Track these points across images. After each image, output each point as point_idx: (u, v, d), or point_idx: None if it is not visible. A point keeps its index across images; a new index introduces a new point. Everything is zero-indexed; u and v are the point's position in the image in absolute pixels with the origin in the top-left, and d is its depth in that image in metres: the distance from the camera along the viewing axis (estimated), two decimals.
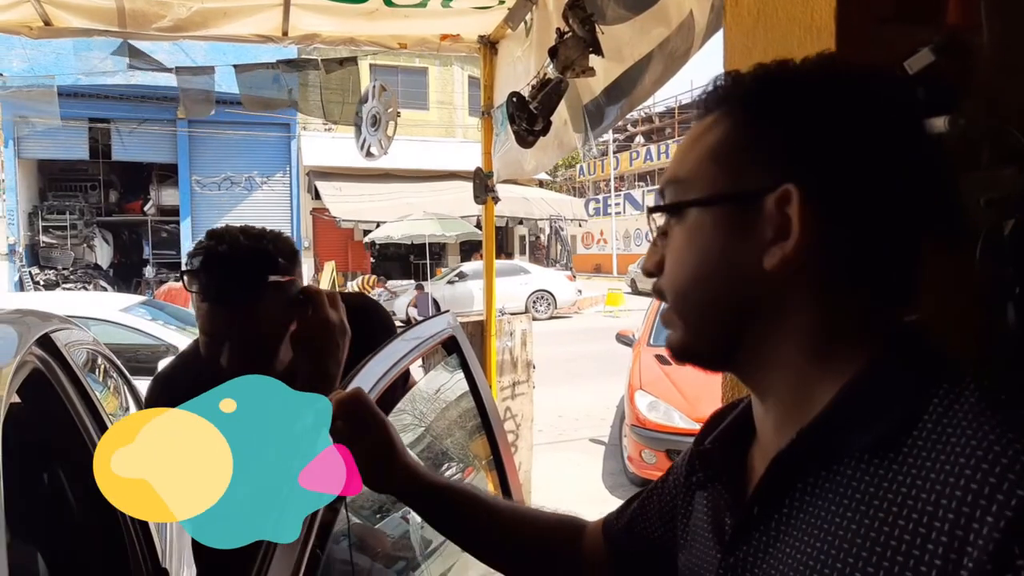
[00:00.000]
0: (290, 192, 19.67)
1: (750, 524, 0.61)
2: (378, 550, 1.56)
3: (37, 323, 1.53)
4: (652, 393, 5.57)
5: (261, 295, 1.33)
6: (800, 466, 0.57)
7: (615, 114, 2.72)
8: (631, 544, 0.86)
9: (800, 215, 0.56)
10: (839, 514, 0.53)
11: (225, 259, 1.33)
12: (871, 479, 0.52)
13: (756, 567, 0.60)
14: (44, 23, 3.22)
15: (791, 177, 0.57)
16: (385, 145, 3.92)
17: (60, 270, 18.08)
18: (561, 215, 21.15)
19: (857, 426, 0.54)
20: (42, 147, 17.98)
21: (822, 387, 0.57)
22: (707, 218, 0.61)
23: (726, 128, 0.62)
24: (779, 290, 0.59)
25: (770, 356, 0.61)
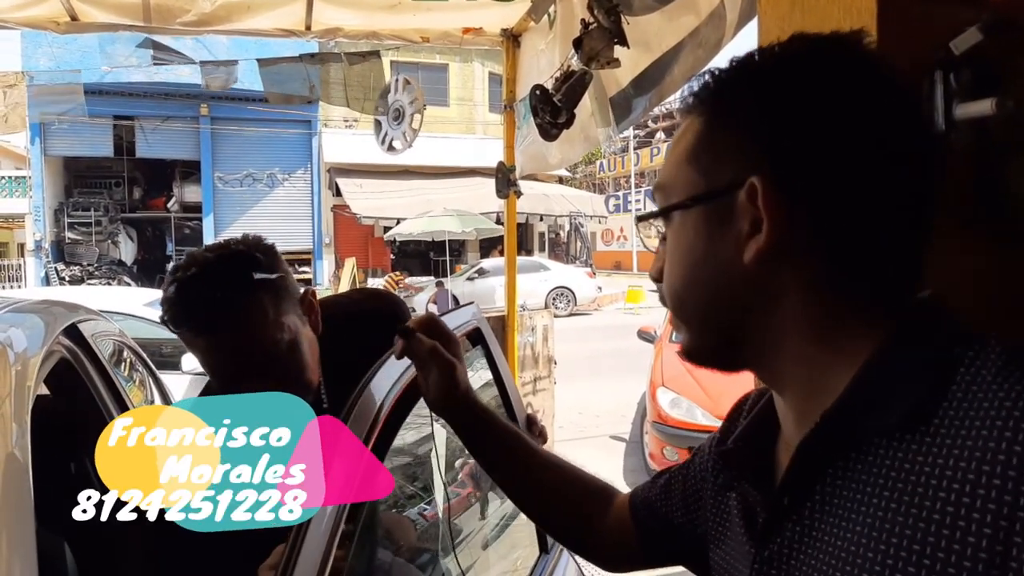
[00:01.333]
0: (311, 189, 19.79)
1: (782, 516, 0.60)
2: (402, 543, 1.55)
3: (64, 313, 1.53)
4: (674, 390, 5.53)
5: (253, 297, 1.22)
6: (826, 452, 0.56)
7: (644, 105, 2.69)
8: (653, 522, 0.87)
9: (767, 206, 0.56)
10: (875, 494, 0.52)
11: (200, 278, 1.21)
12: (904, 455, 0.51)
13: (793, 557, 0.59)
14: (71, 18, 3.25)
15: (757, 170, 0.57)
16: (410, 138, 3.92)
17: (85, 266, 18.33)
18: (581, 211, 21.08)
19: (881, 405, 0.53)
20: (68, 144, 18.23)
21: (836, 373, 0.56)
22: (688, 220, 0.62)
23: (697, 128, 0.62)
24: (766, 283, 0.58)
25: (776, 349, 0.60)
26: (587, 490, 0.96)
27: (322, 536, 0.93)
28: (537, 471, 0.97)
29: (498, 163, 3.86)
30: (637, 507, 0.90)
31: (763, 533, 0.62)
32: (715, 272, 0.60)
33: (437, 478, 1.77)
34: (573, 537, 0.98)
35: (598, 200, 24.24)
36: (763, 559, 0.61)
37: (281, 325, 1.25)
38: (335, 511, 0.96)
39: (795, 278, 0.58)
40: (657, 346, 6.54)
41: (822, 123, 0.56)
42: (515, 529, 1.88)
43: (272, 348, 1.23)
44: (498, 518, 1.95)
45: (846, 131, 0.56)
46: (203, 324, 1.22)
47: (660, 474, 0.91)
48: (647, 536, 0.88)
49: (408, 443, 1.66)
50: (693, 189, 0.61)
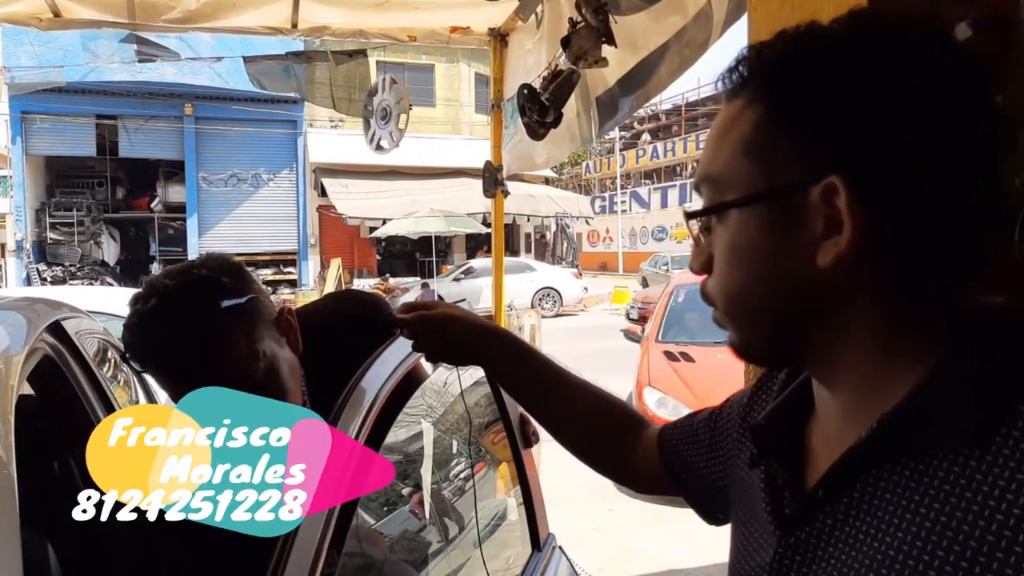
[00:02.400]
0: (296, 189, 19.68)
1: (814, 505, 0.58)
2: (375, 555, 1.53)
3: (47, 310, 1.51)
4: (661, 389, 5.55)
5: (221, 328, 1.12)
6: (878, 455, 0.54)
7: (629, 105, 2.70)
8: (678, 464, 0.88)
9: (849, 208, 0.52)
10: (924, 504, 0.50)
11: (162, 310, 1.11)
12: (961, 471, 0.49)
13: (819, 549, 0.58)
14: (53, 14, 3.21)
15: (833, 166, 0.52)
16: (396, 138, 3.91)
17: (67, 266, 18.14)
18: (567, 212, 21.11)
19: (941, 416, 0.51)
20: (49, 143, 18.04)
21: (897, 377, 0.54)
22: (749, 219, 0.57)
23: (755, 116, 0.57)
24: (838, 287, 0.55)
25: (837, 350, 0.57)
26: (619, 420, 0.98)
27: (314, 533, 0.92)
28: (569, 401, 0.99)
29: (485, 162, 3.86)
30: (666, 450, 0.90)
31: (792, 519, 0.61)
32: (780, 275, 0.57)
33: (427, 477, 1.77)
34: (605, 465, 1.00)
35: (584, 201, 24.29)
36: (788, 544, 0.60)
37: (256, 353, 1.15)
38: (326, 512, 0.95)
39: (870, 281, 0.54)
40: (644, 346, 6.56)
41: (908, 114, 0.51)
42: (507, 528, 1.88)
43: (249, 380, 1.10)
44: (490, 517, 1.94)
45: (933, 124, 0.51)
46: (169, 363, 1.13)
47: (692, 416, 0.91)
48: (675, 478, 0.89)
49: (399, 441, 1.65)
50: (753, 185, 0.56)
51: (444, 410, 1.96)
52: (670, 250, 25.45)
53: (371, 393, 1.11)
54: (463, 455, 1.97)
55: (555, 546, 1.68)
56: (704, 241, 0.62)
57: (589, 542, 4.37)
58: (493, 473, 1.99)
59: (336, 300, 1.59)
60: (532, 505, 1.60)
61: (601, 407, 0.99)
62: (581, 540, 4.30)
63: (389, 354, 1.20)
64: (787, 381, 0.71)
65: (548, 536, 1.66)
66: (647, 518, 4.73)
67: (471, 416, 1.89)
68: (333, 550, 0.99)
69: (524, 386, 1.02)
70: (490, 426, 1.83)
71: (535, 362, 1.00)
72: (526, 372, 1.00)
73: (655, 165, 35.31)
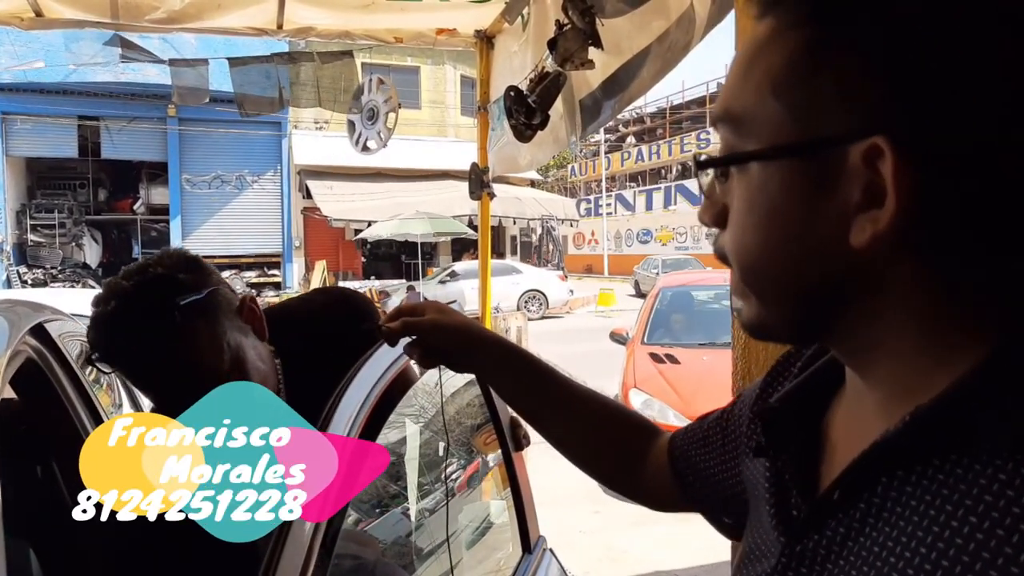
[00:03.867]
0: (281, 191, 19.60)
1: (826, 510, 0.50)
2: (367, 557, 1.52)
3: (29, 313, 1.49)
4: (646, 391, 5.56)
5: (182, 325, 1.13)
6: (905, 454, 0.45)
7: (612, 108, 2.70)
8: (689, 471, 0.80)
9: (896, 178, 0.42)
10: (957, 517, 0.41)
11: (121, 312, 1.11)
12: (1009, 480, 0.40)
13: (829, 562, 0.49)
14: (35, 14, 3.18)
15: (884, 121, 0.42)
16: (385, 138, 3.90)
17: (48, 269, 17.96)
18: (553, 215, 21.16)
19: (990, 414, 0.42)
20: (30, 145, 17.86)
21: (944, 369, 0.45)
22: (772, 175, 0.47)
23: (791, 46, 0.46)
24: (876, 270, 0.45)
25: (873, 339, 0.48)
26: (629, 429, 0.91)
27: (305, 535, 0.92)
28: (574, 411, 0.91)
29: (472, 164, 3.86)
30: (676, 457, 0.82)
31: (799, 524, 0.52)
32: (805, 245, 0.47)
33: (416, 479, 1.76)
34: (613, 478, 0.92)
35: (570, 204, 24.36)
36: (794, 554, 0.52)
37: (219, 346, 1.17)
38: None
39: (914, 267, 0.44)
40: (629, 348, 6.58)
41: (990, 65, 0.40)
42: (497, 530, 1.88)
43: (216, 373, 1.13)
44: (481, 519, 1.94)
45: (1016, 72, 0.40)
46: (133, 363, 1.15)
47: (702, 419, 0.82)
48: (687, 487, 0.80)
49: (390, 443, 1.65)
50: (782, 135, 0.46)
51: (435, 412, 1.95)
52: (660, 253, 25.55)
53: (361, 395, 1.11)
54: (453, 457, 1.97)
55: (545, 548, 1.68)
56: (719, 190, 0.52)
57: (576, 545, 4.37)
58: (487, 475, 1.99)
59: (322, 294, 1.60)
60: (522, 507, 1.60)
61: (605, 417, 0.91)
62: (568, 543, 4.30)
63: (380, 356, 1.20)
64: (810, 360, 0.61)
65: (539, 539, 1.66)
66: (634, 520, 4.73)
67: (460, 418, 1.89)
68: (324, 551, 0.98)
69: (518, 395, 0.95)
70: (481, 428, 1.83)
71: (528, 369, 0.92)
72: (519, 380, 0.93)
73: (640, 168, 35.45)
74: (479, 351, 0.92)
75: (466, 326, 0.93)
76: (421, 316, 0.92)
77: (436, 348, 0.92)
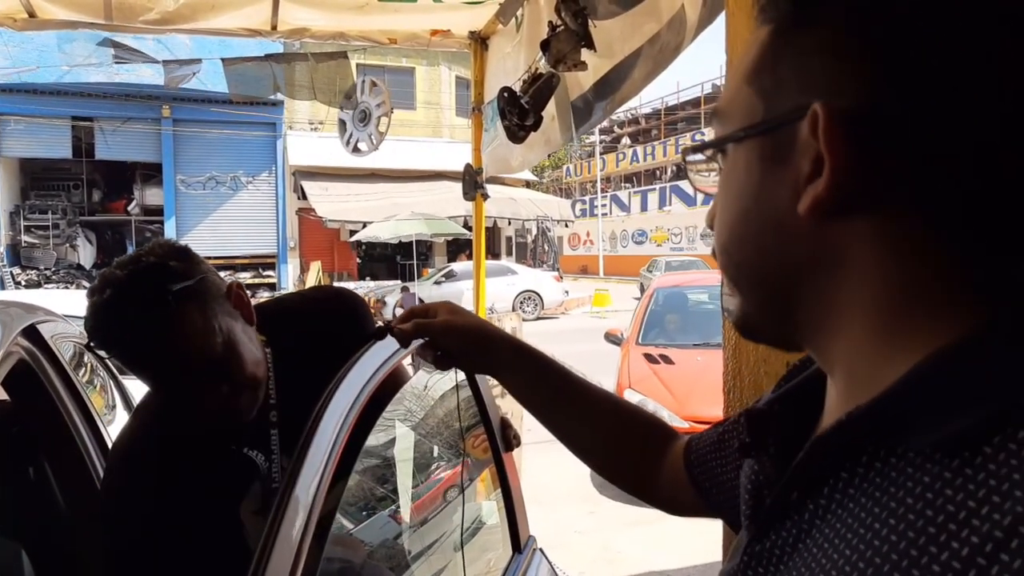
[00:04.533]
0: (276, 192, 19.56)
1: (787, 511, 0.49)
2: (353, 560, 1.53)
3: (22, 314, 1.49)
4: (641, 391, 5.57)
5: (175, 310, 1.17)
6: (847, 452, 0.45)
7: (603, 109, 2.71)
8: (704, 475, 0.79)
9: (829, 140, 0.42)
10: (881, 519, 0.41)
11: (116, 300, 1.15)
12: (931, 483, 0.39)
13: (781, 562, 0.49)
14: (28, 15, 3.17)
15: (824, 91, 0.43)
16: (376, 141, 3.90)
17: (42, 270, 17.91)
18: (548, 216, 21.17)
19: (930, 413, 0.41)
20: (24, 145, 17.79)
21: (896, 361, 0.44)
22: (741, 156, 0.50)
23: (763, 39, 0.49)
24: (824, 242, 0.46)
25: (829, 324, 0.48)
26: (643, 431, 0.90)
27: (294, 536, 0.92)
28: (588, 412, 0.91)
29: (465, 165, 3.86)
30: (691, 461, 0.81)
31: (763, 525, 0.52)
32: (765, 223, 0.48)
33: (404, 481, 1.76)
34: (630, 482, 0.91)
35: (565, 205, 24.36)
36: (754, 553, 0.52)
37: (212, 329, 1.21)
38: (306, 511, 0.95)
39: (864, 238, 0.44)
40: (624, 348, 6.59)
41: (935, 25, 0.41)
42: (488, 531, 1.88)
43: (209, 355, 1.19)
44: (471, 520, 1.94)
45: (968, 21, 0.40)
46: (130, 349, 1.18)
47: (718, 424, 0.81)
48: (703, 492, 0.80)
49: (379, 445, 1.65)
50: (750, 117, 0.48)
51: (424, 414, 1.96)
52: (655, 253, 25.53)
53: (352, 394, 1.11)
54: (443, 459, 1.97)
55: (535, 548, 1.69)
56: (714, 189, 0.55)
57: (570, 545, 4.38)
58: (475, 477, 1.99)
59: (317, 291, 1.67)
60: (512, 508, 1.60)
61: (620, 418, 0.91)
62: (562, 543, 4.31)
63: (371, 355, 1.20)
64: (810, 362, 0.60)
65: (529, 538, 1.67)
66: (628, 521, 4.74)
67: (450, 420, 1.90)
68: (313, 552, 0.99)
69: (532, 396, 0.93)
70: (471, 429, 1.83)
71: (542, 370, 0.92)
72: (532, 381, 0.92)
73: (635, 169, 35.49)
74: (492, 352, 0.93)
75: (479, 327, 0.94)
76: (433, 317, 0.93)
77: (449, 349, 0.92)
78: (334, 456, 1.05)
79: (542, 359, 0.93)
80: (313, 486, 1.00)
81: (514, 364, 0.93)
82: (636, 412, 0.93)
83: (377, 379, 1.19)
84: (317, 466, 1.02)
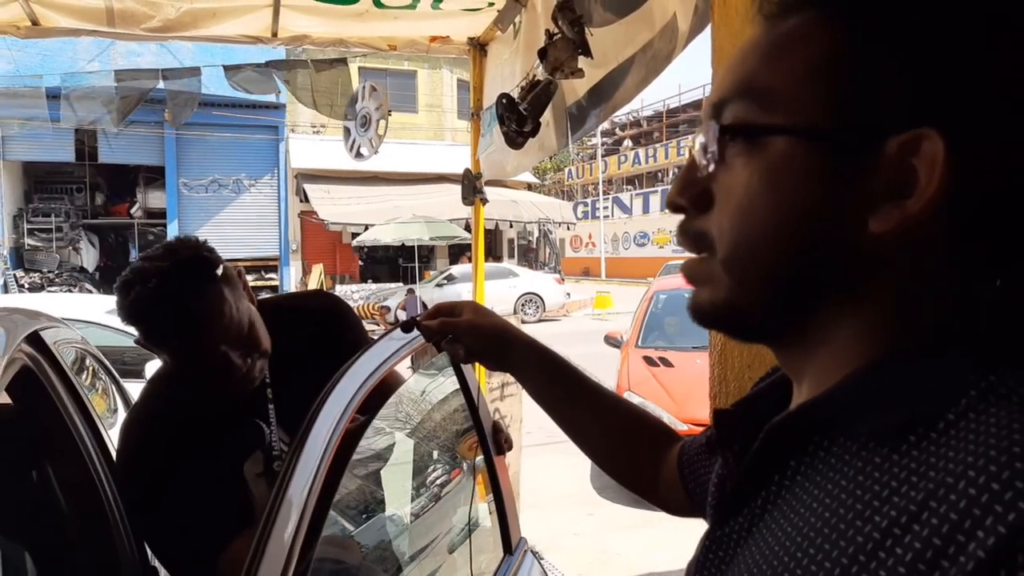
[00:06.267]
0: (278, 195, 19.59)
1: (743, 499, 0.53)
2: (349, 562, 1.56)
3: (25, 321, 1.52)
4: (640, 394, 5.59)
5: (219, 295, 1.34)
6: (795, 442, 0.49)
7: (597, 116, 2.74)
8: (692, 479, 0.83)
9: (938, 169, 0.42)
10: (819, 500, 0.45)
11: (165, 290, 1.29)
12: (863, 466, 0.43)
13: (736, 548, 0.52)
14: (32, 23, 3.21)
15: (925, 115, 0.42)
16: (376, 144, 3.93)
17: (45, 273, 17.94)
18: (550, 218, 21.17)
19: (868, 407, 0.45)
20: (27, 149, 17.84)
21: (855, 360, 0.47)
22: (798, 153, 0.47)
23: (829, 37, 0.46)
24: (879, 260, 0.46)
25: (823, 336, 0.49)
26: (649, 434, 0.95)
27: (289, 530, 0.95)
28: (600, 415, 0.95)
29: (464, 170, 3.89)
30: (683, 465, 0.85)
31: (721, 514, 0.55)
32: (818, 228, 0.47)
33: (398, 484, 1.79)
34: (635, 483, 0.96)
35: (567, 207, 24.36)
36: (714, 538, 0.55)
37: (241, 308, 1.38)
38: (302, 503, 0.98)
39: (913, 260, 0.45)
40: (624, 351, 6.61)
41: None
42: (480, 534, 1.90)
43: (240, 329, 1.37)
44: (463, 524, 1.97)
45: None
46: (179, 331, 1.32)
47: (708, 428, 0.80)
48: (693, 497, 0.83)
49: (374, 449, 1.68)
50: (816, 117, 0.46)
51: (421, 419, 1.98)
52: (659, 256, 25.45)
53: (345, 399, 1.14)
54: (437, 463, 1.99)
55: (527, 550, 1.71)
56: (708, 171, 0.51)
57: (568, 547, 4.40)
58: (468, 480, 2.02)
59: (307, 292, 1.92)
60: (504, 510, 1.63)
61: (629, 421, 0.96)
62: (560, 545, 4.33)
63: (364, 362, 1.23)
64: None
65: (520, 540, 1.69)
66: (626, 523, 4.76)
67: (445, 424, 1.92)
68: (305, 552, 1.01)
69: (548, 396, 0.98)
70: (465, 434, 1.86)
71: (559, 372, 0.97)
72: (550, 382, 0.97)
73: (637, 171, 35.49)
74: (513, 353, 0.98)
75: (501, 328, 0.99)
76: (459, 316, 0.99)
77: (471, 348, 0.98)
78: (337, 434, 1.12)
79: (558, 361, 0.98)
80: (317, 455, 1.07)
81: (533, 365, 0.98)
82: (642, 415, 0.98)
83: (371, 384, 1.22)
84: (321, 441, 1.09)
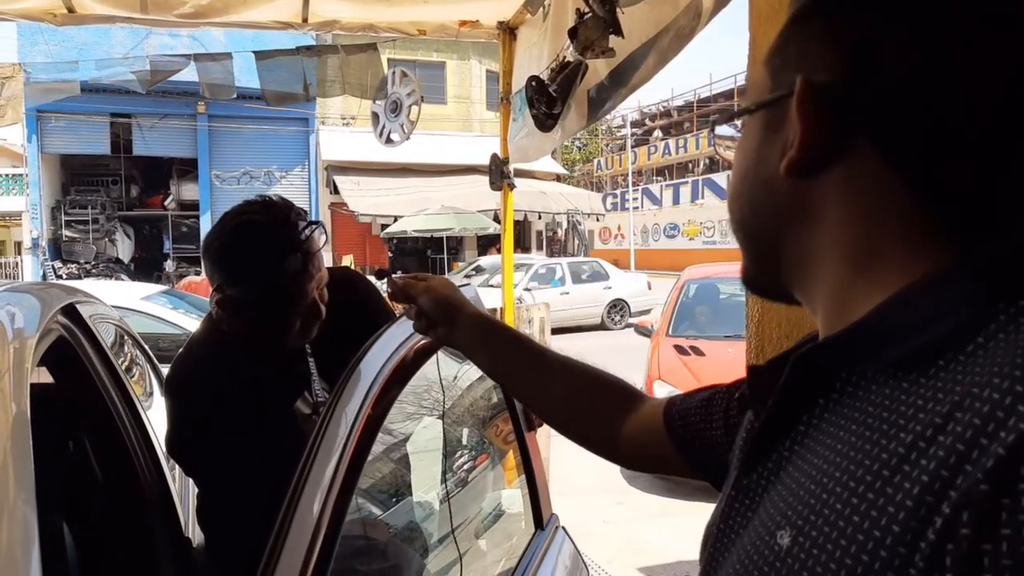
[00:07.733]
0: (308, 187, 19.78)
1: (772, 441, 0.54)
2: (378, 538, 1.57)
3: (60, 294, 1.54)
4: (670, 383, 5.54)
5: (317, 239, 1.47)
6: (822, 378, 0.50)
7: (616, 97, 2.70)
8: (689, 434, 0.85)
9: (800, 108, 0.49)
10: (846, 429, 0.46)
11: (265, 238, 1.39)
12: (891, 392, 0.44)
13: (763, 493, 0.53)
14: (68, 10, 3.25)
15: (808, 70, 0.49)
16: (408, 130, 3.93)
17: (82, 264, 18.32)
18: (578, 209, 21.11)
19: (892, 338, 0.46)
20: (65, 142, 18.21)
21: (870, 298, 0.48)
22: (751, 126, 0.57)
23: (783, 27, 0.55)
24: (802, 197, 0.52)
25: (814, 270, 0.54)
26: (604, 392, 0.98)
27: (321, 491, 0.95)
28: (553, 376, 0.99)
29: (492, 155, 3.87)
30: (672, 416, 0.87)
31: (748, 460, 0.56)
32: (757, 182, 0.56)
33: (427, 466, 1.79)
34: (592, 439, 0.99)
35: (596, 198, 24.27)
36: (741, 487, 0.56)
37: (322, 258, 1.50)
38: (332, 470, 0.98)
39: (833, 192, 0.50)
40: (654, 340, 6.56)
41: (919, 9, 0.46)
42: (510, 518, 1.90)
43: (323, 281, 1.49)
44: (494, 507, 1.96)
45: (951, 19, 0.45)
46: (277, 277, 1.39)
47: (703, 389, 0.86)
48: (684, 446, 0.85)
49: (405, 433, 1.68)
50: (761, 94, 0.55)
51: (451, 403, 1.98)
52: (698, 248, 25.30)
53: (374, 369, 1.14)
54: (467, 446, 1.99)
55: (558, 526, 1.70)
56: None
57: (598, 534, 4.39)
58: (498, 464, 2.01)
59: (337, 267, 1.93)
60: (535, 487, 1.62)
61: (580, 381, 0.99)
62: (590, 532, 4.32)
63: (392, 333, 1.23)
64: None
65: (551, 516, 1.68)
66: (656, 511, 4.74)
67: (474, 409, 1.91)
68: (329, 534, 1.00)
69: (503, 369, 1.04)
70: (494, 418, 1.85)
71: (505, 340, 1.03)
72: (496, 350, 1.03)
73: (667, 162, 35.23)
74: (459, 325, 1.03)
75: (454, 299, 1.05)
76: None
77: (425, 312, 1.05)
78: (377, 383, 1.15)
79: (509, 333, 1.05)
80: (359, 399, 1.12)
81: (479, 338, 1.03)
82: (598, 375, 1.00)
83: (400, 354, 1.21)
84: (363, 387, 1.14)
